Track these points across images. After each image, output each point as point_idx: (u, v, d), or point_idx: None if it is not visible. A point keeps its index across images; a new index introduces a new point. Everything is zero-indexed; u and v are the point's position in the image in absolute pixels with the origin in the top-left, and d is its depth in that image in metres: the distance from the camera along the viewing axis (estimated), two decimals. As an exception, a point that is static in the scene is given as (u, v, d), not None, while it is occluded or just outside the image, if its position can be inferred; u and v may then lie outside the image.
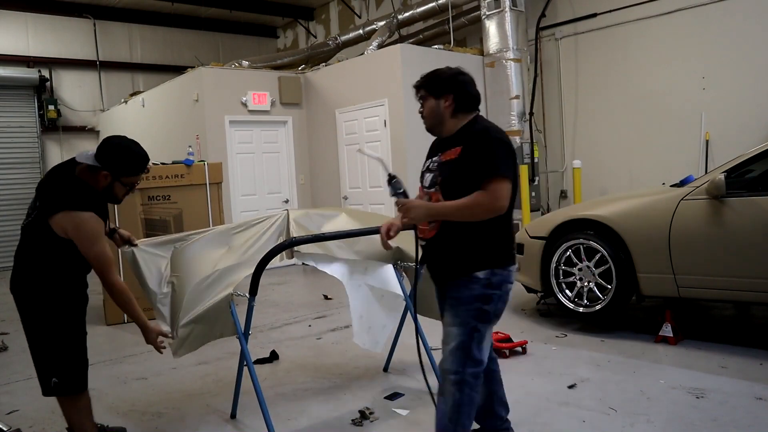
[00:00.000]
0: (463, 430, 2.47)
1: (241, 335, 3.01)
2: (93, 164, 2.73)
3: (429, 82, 2.64)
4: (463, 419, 2.47)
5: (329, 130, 9.12)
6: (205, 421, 3.33)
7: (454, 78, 2.59)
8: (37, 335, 2.75)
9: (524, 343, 4.19)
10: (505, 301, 2.49)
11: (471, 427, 2.53)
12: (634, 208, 4.37)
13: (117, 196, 2.88)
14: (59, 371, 2.76)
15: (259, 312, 5.98)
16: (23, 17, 11.39)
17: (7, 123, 11.34)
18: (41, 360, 2.76)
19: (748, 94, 6.95)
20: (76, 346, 2.86)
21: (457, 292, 2.46)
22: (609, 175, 8.29)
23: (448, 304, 2.51)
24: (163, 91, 9.83)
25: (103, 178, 2.75)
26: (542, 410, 3.19)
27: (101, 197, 2.80)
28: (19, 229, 2.93)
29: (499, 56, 8.34)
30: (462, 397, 2.44)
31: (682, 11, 7.42)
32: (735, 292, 3.95)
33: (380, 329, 3.55)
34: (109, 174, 2.75)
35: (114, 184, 2.80)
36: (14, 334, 5.71)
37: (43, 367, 2.76)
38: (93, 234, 2.67)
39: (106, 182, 2.77)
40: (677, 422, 2.94)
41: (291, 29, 13.99)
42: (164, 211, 6.05)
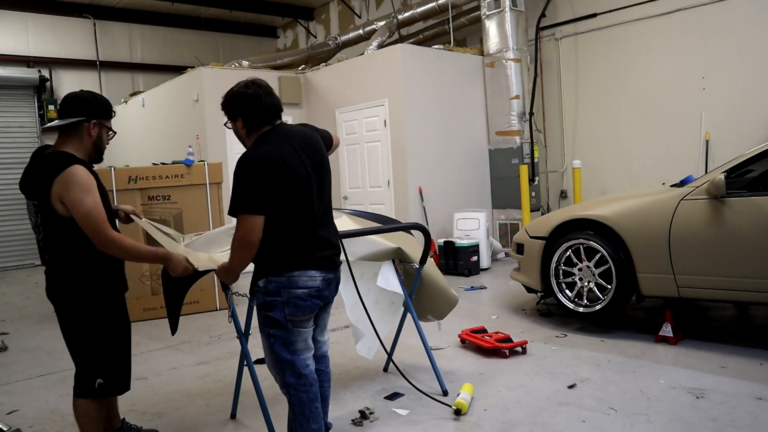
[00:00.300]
0: (304, 417, 2.54)
1: (241, 335, 3.01)
2: (70, 122, 2.60)
3: (224, 105, 2.67)
4: (302, 420, 2.54)
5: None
6: (205, 421, 3.33)
7: (238, 97, 2.59)
8: (80, 337, 2.66)
9: (524, 343, 4.19)
10: (297, 306, 2.47)
11: (319, 424, 2.58)
12: (634, 208, 4.37)
13: (103, 144, 2.75)
14: (105, 371, 2.69)
15: (259, 312, 5.98)
16: (23, 17, 11.39)
17: (7, 123, 11.35)
18: (85, 361, 2.67)
19: (748, 94, 6.95)
20: (121, 344, 2.81)
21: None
22: (609, 175, 8.29)
23: None
24: (163, 91, 9.83)
25: (93, 127, 2.65)
26: (542, 410, 3.19)
27: (88, 162, 2.69)
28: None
29: (499, 56, 8.34)
30: (292, 399, 2.55)
31: (682, 11, 7.43)
32: (735, 292, 3.95)
33: (372, 336, 3.55)
34: (96, 121, 2.66)
35: (102, 132, 2.71)
36: (14, 334, 5.72)
37: (87, 368, 2.67)
38: (85, 184, 2.51)
39: (95, 131, 2.66)
40: (677, 422, 2.94)
41: (291, 29, 13.99)
42: (164, 211, 6.05)
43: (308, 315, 2.54)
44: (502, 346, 4.10)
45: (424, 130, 8.08)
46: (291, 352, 2.51)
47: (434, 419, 3.15)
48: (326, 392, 2.79)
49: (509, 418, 3.10)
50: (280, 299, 2.47)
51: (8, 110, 11.38)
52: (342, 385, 3.74)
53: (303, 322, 2.53)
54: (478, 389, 3.51)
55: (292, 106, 9.38)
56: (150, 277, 5.92)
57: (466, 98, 8.53)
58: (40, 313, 6.67)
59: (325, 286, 2.56)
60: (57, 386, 4.06)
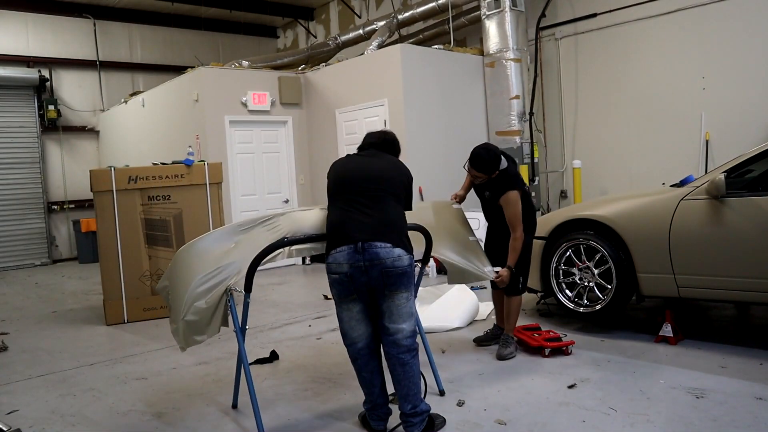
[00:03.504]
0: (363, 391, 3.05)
1: (239, 330, 3.03)
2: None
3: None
4: (361, 387, 3.06)
5: (329, 130, 9.12)
6: (205, 422, 3.33)
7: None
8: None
9: (570, 343, 4.11)
10: (337, 282, 2.89)
11: (368, 396, 3.03)
12: (634, 208, 4.37)
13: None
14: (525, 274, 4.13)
15: (259, 312, 5.99)
16: (23, 17, 11.39)
17: (7, 123, 11.34)
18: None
19: (748, 94, 6.95)
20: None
21: None
22: (609, 175, 8.29)
23: None
24: (163, 91, 9.82)
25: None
26: (542, 410, 3.19)
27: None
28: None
29: (499, 56, 8.34)
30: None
31: (682, 11, 7.43)
32: (735, 292, 3.95)
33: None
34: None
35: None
36: (14, 334, 5.72)
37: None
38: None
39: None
40: (677, 422, 2.94)
41: (291, 29, 13.99)
42: (164, 211, 6.05)
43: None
44: (547, 345, 4.06)
45: (424, 130, 8.08)
46: (342, 328, 3.01)
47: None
48: (395, 374, 2.96)
49: (509, 418, 3.10)
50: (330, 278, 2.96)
51: (8, 110, 11.37)
52: (342, 385, 3.74)
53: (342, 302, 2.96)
54: (479, 389, 3.51)
55: (292, 106, 9.38)
56: (150, 277, 5.92)
57: (466, 98, 8.53)
58: (40, 313, 6.67)
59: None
60: (57, 386, 4.06)
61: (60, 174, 11.93)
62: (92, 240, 10.57)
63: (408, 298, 2.92)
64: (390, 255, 2.82)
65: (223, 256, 3.13)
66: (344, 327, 2.98)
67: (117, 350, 4.93)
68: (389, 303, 2.90)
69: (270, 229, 3.24)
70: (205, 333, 3.09)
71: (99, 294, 6.75)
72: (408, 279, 2.90)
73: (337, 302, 2.96)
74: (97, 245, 6.00)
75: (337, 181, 3.06)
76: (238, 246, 3.19)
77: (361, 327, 2.96)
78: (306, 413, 3.35)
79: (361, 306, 2.93)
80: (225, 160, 8.58)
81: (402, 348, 2.90)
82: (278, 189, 9.35)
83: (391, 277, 2.83)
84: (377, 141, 3.25)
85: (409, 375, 2.91)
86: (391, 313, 2.90)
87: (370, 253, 2.80)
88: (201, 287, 3.02)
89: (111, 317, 5.82)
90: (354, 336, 2.97)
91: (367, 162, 3.11)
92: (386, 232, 2.87)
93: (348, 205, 2.94)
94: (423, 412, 2.94)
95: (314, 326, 5.34)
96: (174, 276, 3.21)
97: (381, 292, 2.87)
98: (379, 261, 2.80)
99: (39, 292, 8.25)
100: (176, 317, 3.09)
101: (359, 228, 2.86)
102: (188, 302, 3.00)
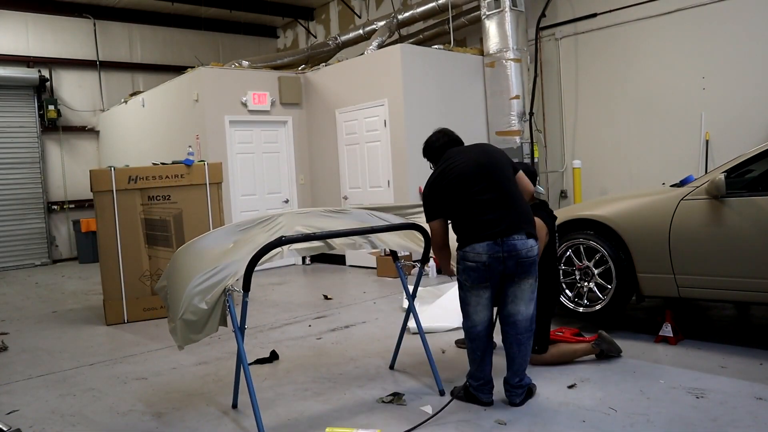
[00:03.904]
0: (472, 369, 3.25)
1: (237, 329, 3.04)
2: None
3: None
4: (471, 365, 3.25)
5: (329, 130, 9.12)
6: (205, 421, 3.33)
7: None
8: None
9: (588, 340, 4.05)
10: (472, 269, 3.04)
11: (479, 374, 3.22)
12: (634, 208, 4.37)
13: None
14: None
15: (259, 312, 5.99)
16: (23, 17, 11.39)
17: (7, 123, 11.34)
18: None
19: (748, 94, 6.95)
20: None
21: None
22: (609, 175, 8.29)
23: None
24: (163, 91, 9.83)
25: None
26: (542, 410, 3.19)
27: None
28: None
29: (499, 56, 8.34)
30: (467, 344, 3.24)
31: (682, 11, 7.42)
32: (735, 292, 3.95)
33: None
34: None
35: None
36: (14, 334, 5.72)
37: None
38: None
39: None
40: (677, 422, 2.94)
41: (291, 29, 13.99)
42: (164, 211, 6.05)
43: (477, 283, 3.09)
44: (574, 339, 4.04)
45: (424, 130, 7.98)
46: (466, 312, 3.21)
47: (434, 418, 3.15)
48: (510, 352, 3.20)
49: (509, 418, 3.10)
50: (461, 266, 3.12)
51: (8, 110, 11.37)
52: (342, 385, 3.74)
53: (473, 288, 3.12)
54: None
55: (292, 106, 9.39)
56: (150, 277, 5.92)
57: (466, 98, 8.53)
58: (40, 313, 6.67)
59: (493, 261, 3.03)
60: (57, 386, 4.07)
61: (60, 174, 11.93)
62: (92, 240, 10.58)
63: (532, 285, 3.14)
64: (525, 246, 3.04)
65: (222, 256, 3.14)
66: (469, 310, 3.18)
67: (117, 350, 4.93)
68: (515, 288, 3.11)
69: (269, 229, 3.25)
70: (203, 332, 3.11)
71: (99, 294, 6.76)
72: (536, 267, 3.13)
73: (468, 288, 3.13)
74: (97, 245, 6.00)
75: (459, 179, 3.15)
76: (236, 246, 3.20)
77: (485, 312, 3.17)
78: (306, 413, 3.35)
79: (490, 293, 3.13)
80: (225, 160, 8.58)
81: (521, 329, 3.16)
82: (278, 189, 9.35)
83: (524, 266, 3.06)
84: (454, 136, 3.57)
85: (523, 353, 3.19)
86: (515, 297, 3.13)
87: (509, 245, 3.01)
88: (199, 286, 3.03)
89: (111, 317, 5.82)
90: (476, 319, 3.17)
91: (474, 156, 3.24)
92: (522, 224, 3.07)
93: (482, 201, 3.09)
94: (526, 384, 3.24)
95: (314, 326, 5.33)
96: (172, 275, 3.22)
97: (511, 279, 3.09)
98: (516, 252, 3.01)
99: (39, 292, 8.25)
100: (174, 316, 3.10)
101: (498, 222, 3.04)
102: (186, 301, 3.01)
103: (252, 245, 3.11)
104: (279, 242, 3.03)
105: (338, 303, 6.26)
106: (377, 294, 6.62)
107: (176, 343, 3.15)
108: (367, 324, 5.29)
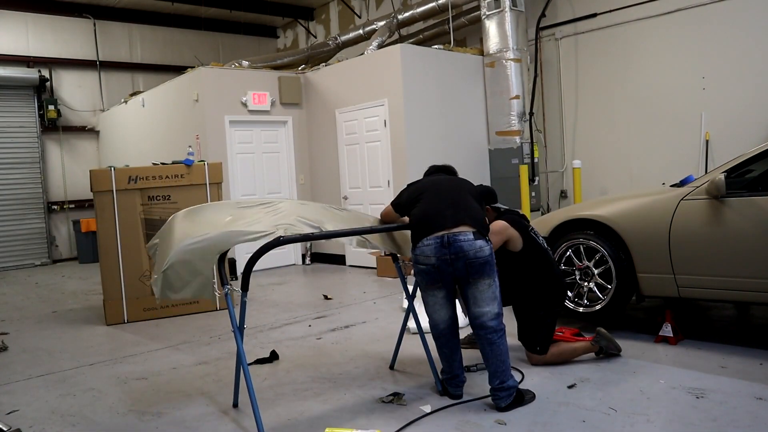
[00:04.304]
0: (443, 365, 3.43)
1: (236, 328, 3.05)
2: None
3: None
4: (441, 361, 3.44)
5: (329, 130, 9.12)
6: (205, 421, 3.33)
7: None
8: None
9: (588, 340, 4.06)
10: (424, 272, 3.17)
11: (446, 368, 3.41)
12: (634, 208, 4.37)
13: None
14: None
15: (259, 312, 5.99)
16: (23, 17, 11.39)
17: (7, 123, 11.34)
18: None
19: (748, 94, 6.95)
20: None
21: None
22: (609, 175, 8.29)
23: None
24: (163, 91, 9.83)
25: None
26: (542, 410, 3.19)
27: None
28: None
29: (499, 56, 8.34)
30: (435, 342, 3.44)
31: (682, 11, 7.43)
32: (735, 292, 3.95)
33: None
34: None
35: None
36: (14, 334, 5.72)
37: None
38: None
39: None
40: (677, 422, 2.94)
41: (291, 29, 13.99)
42: (164, 211, 6.05)
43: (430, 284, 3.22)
44: (574, 339, 4.04)
45: (424, 130, 8.08)
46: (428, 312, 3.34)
47: (434, 418, 3.15)
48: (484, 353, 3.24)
49: (509, 418, 3.10)
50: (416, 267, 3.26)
51: (8, 110, 11.37)
52: (342, 385, 3.74)
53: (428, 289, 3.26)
54: (479, 389, 3.50)
55: (292, 106, 9.39)
56: (150, 277, 5.92)
57: (466, 98, 8.53)
58: (40, 313, 6.67)
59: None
60: (57, 386, 4.07)
61: (60, 174, 11.93)
62: (92, 240, 10.58)
63: (490, 285, 3.17)
64: (473, 247, 3.08)
65: (217, 226, 3.17)
66: (428, 311, 3.33)
67: (117, 350, 4.93)
68: (473, 290, 3.16)
69: (268, 212, 3.27)
70: (180, 293, 3.16)
71: (99, 294, 6.76)
72: (490, 267, 3.15)
73: (424, 288, 3.27)
74: (97, 245, 6.00)
75: (419, 189, 3.40)
76: (233, 219, 3.22)
77: (443, 310, 3.30)
78: (306, 413, 3.35)
79: (445, 291, 3.25)
80: (225, 160, 8.58)
81: (489, 329, 3.17)
82: (278, 189, 9.36)
83: (474, 266, 3.10)
84: (443, 167, 3.72)
85: (497, 353, 3.18)
86: (475, 299, 3.17)
87: (455, 247, 3.07)
88: (188, 248, 3.07)
89: (111, 317, 5.82)
90: (436, 318, 3.32)
91: (442, 178, 3.52)
92: (467, 220, 3.15)
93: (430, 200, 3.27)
94: (510, 387, 3.19)
95: (314, 326, 5.34)
96: (165, 234, 3.29)
97: (465, 280, 3.15)
98: (464, 253, 3.07)
99: (39, 292, 8.25)
100: (158, 269, 3.16)
101: (444, 216, 3.15)
102: (172, 258, 3.06)
103: (249, 223, 3.13)
104: (277, 242, 3.03)
105: (338, 303, 6.26)
106: (377, 294, 6.63)
107: (155, 295, 3.20)
108: (367, 324, 5.29)
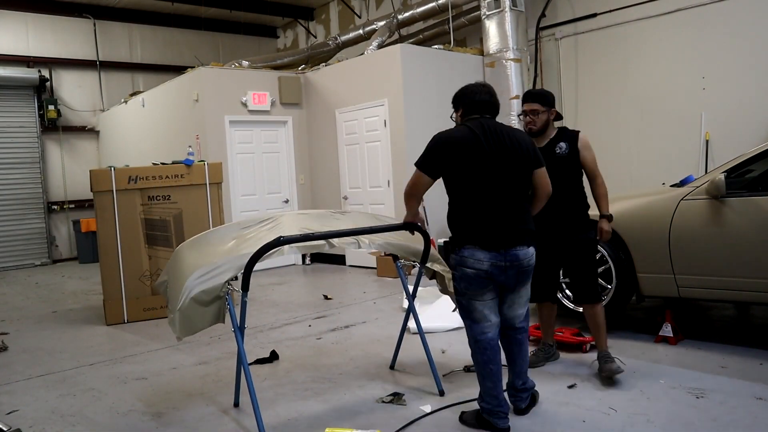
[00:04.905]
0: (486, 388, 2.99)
1: (237, 328, 3.05)
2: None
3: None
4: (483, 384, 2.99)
5: (329, 130, 9.12)
6: (205, 421, 3.33)
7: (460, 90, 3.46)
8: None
9: (588, 340, 4.07)
10: (472, 277, 2.90)
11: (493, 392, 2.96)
12: (634, 208, 4.38)
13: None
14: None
15: (259, 312, 5.99)
16: (23, 17, 11.39)
17: (7, 123, 11.34)
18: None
19: (748, 94, 6.95)
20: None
21: None
22: (609, 175, 8.19)
23: None
24: (163, 91, 9.83)
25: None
26: (542, 410, 3.19)
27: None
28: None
29: (499, 56, 8.34)
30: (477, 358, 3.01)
31: (682, 11, 7.42)
32: (735, 292, 3.95)
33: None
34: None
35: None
36: (14, 334, 5.72)
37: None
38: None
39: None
40: (677, 422, 2.94)
41: (291, 29, 13.99)
42: (164, 211, 6.05)
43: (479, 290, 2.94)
44: (574, 339, 4.06)
45: (424, 130, 8.05)
46: (467, 319, 3.03)
47: (434, 418, 3.15)
48: (512, 354, 3.14)
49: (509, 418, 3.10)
50: (458, 272, 2.97)
51: (8, 110, 11.37)
52: (342, 385, 3.74)
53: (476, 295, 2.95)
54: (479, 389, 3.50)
55: (292, 106, 9.39)
56: (150, 277, 5.92)
57: (466, 98, 8.52)
58: (40, 313, 6.67)
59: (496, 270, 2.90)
60: (57, 386, 4.07)
61: (60, 174, 11.93)
62: (92, 240, 10.58)
63: (528, 288, 3.11)
64: (526, 255, 2.97)
65: (223, 253, 3.16)
66: (475, 316, 2.99)
67: (117, 350, 4.93)
68: (513, 296, 3.07)
69: (272, 227, 3.27)
70: (200, 325, 3.14)
71: (99, 294, 6.75)
72: (533, 272, 3.07)
73: (470, 295, 2.97)
74: (97, 245, 6.00)
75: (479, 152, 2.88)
76: (237, 243, 3.22)
77: (492, 315, 3.01)
78: (306, 413, 3.35)
79: (494, 293, 3.01)
80: (225, 160, 8.58)
81: (519, 329, 3.13)
82: (278, 189, 9.35)
83: (524, 274, 3.00)
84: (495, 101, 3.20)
85: (524, 354, 3.15)
86: (513, 303, 3.08)
87: (512, 255, 2.91)
88: (198, 280, 3.06)
89: (111, 317, 5.82)
90: (485, 325, 2.98)
91: (506, 139, 2.95)
92: (525, 235, 2.96)
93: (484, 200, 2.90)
94: (531, 387, 3.16)
95: (314, 326, 5.34)
96: (173, 270, 3.26)
97: (511, 288, 3.02)
98: (518, 262, 2.94)
99: (39, 292, 8.25)
100: (173, 308, 3.12)
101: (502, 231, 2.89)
102: (185, 294, 3.03)
103: (253, 243, 3.13)
104: (278, 242, 3.03)
105: (338, 303, 6.26)
106: (377, 294, 6.63)
107: (175, 334, 3.16)
108: (367, 324, 5.29)
